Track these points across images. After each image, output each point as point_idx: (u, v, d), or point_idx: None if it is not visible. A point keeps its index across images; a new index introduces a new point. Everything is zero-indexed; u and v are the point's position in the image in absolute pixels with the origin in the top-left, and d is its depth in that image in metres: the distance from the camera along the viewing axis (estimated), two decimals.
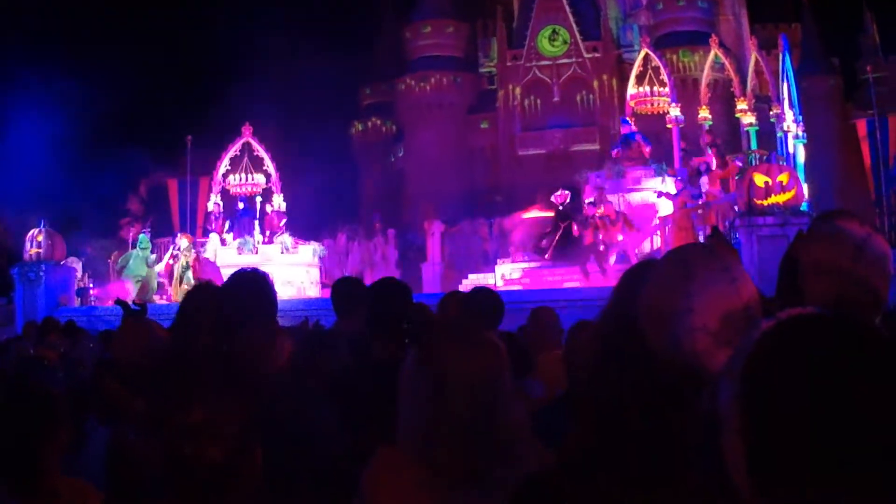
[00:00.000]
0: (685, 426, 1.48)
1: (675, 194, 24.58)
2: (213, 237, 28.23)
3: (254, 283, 3.53)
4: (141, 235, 27.58)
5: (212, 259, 26.63)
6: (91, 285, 27.39)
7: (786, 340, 1.15)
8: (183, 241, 26.57)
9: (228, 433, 2.32)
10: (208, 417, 2.31)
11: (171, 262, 26.32)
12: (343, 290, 5.52)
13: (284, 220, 28.96)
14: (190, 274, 25.44)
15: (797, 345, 1.14)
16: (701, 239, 23.12)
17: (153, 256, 26.77)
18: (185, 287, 24.89)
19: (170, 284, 26.06)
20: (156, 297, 25.32)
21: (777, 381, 1.12)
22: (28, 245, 26.21)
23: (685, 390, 1.57)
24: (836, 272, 2.06)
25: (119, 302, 7.48)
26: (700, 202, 24.21)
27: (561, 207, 26.02)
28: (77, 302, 26.35)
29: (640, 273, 1.86)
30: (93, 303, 26.20)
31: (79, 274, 27.26)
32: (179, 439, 2.31)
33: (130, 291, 24.48)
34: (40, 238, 26.14)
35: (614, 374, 1.69)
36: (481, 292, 6.12)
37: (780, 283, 2.09)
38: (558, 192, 26.15)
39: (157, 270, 26.69)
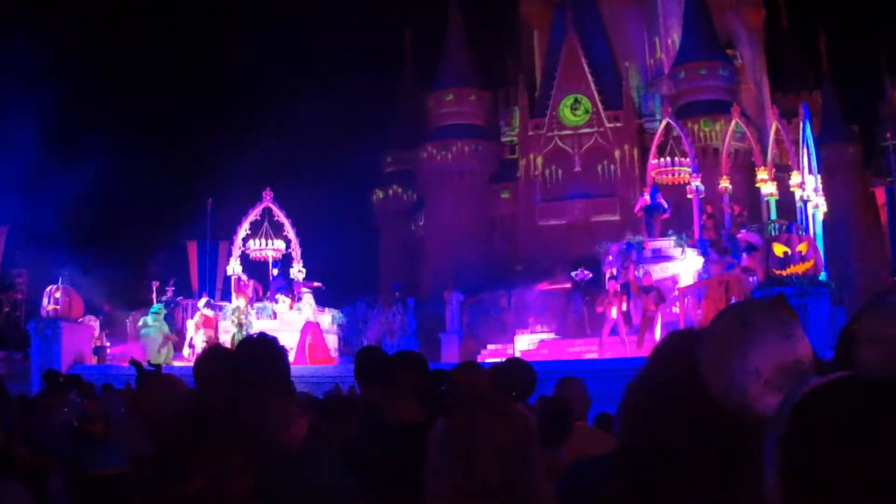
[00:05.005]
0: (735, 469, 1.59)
1: (715, 261, 24.63)
2: (282, 299, 28.06)
3: (259, 348, 3.55)
4: (155, 304, 27.82)
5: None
6: (108, 344, 27.41)
7: (831, 397, 1.25)
8: (240, 302, 26.81)
9: (234, 495, 2.39)
10: (210, 482, 2.37)
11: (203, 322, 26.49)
12: (366, 359, 5.49)
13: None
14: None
15: (840, 402, 1.23)
16: None
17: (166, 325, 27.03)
18: None
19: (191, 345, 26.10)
20: (174, 361, 25.31)
21: (819, 432, 1.21)
22: (45, 301, 26.26)
23: (738, 433, 1.69)
24: (887, 340, 2.10)
25: (133, 362, 7.46)
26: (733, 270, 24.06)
27: (580, 282, 26.47)
28: (94, 360, 26.36)
29: (686, 336, 2.01)
30: (109, 361, 26.18)
31: (96, 332, 27.29)
32: None
33: (145, 352, 24.53)
34: (58, 295, 26.21)
35: (673, 419, 1.84)
36: (515, 363, 6.09)
37: (836, 354, 2.14)
38: (578, 271, 26.58)
39: (167, 332, 26.96)
